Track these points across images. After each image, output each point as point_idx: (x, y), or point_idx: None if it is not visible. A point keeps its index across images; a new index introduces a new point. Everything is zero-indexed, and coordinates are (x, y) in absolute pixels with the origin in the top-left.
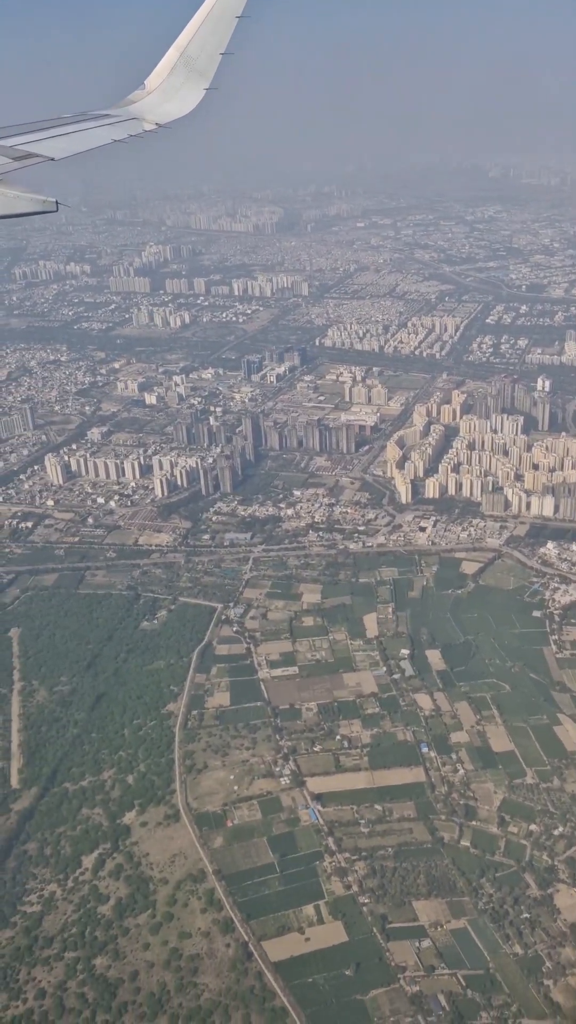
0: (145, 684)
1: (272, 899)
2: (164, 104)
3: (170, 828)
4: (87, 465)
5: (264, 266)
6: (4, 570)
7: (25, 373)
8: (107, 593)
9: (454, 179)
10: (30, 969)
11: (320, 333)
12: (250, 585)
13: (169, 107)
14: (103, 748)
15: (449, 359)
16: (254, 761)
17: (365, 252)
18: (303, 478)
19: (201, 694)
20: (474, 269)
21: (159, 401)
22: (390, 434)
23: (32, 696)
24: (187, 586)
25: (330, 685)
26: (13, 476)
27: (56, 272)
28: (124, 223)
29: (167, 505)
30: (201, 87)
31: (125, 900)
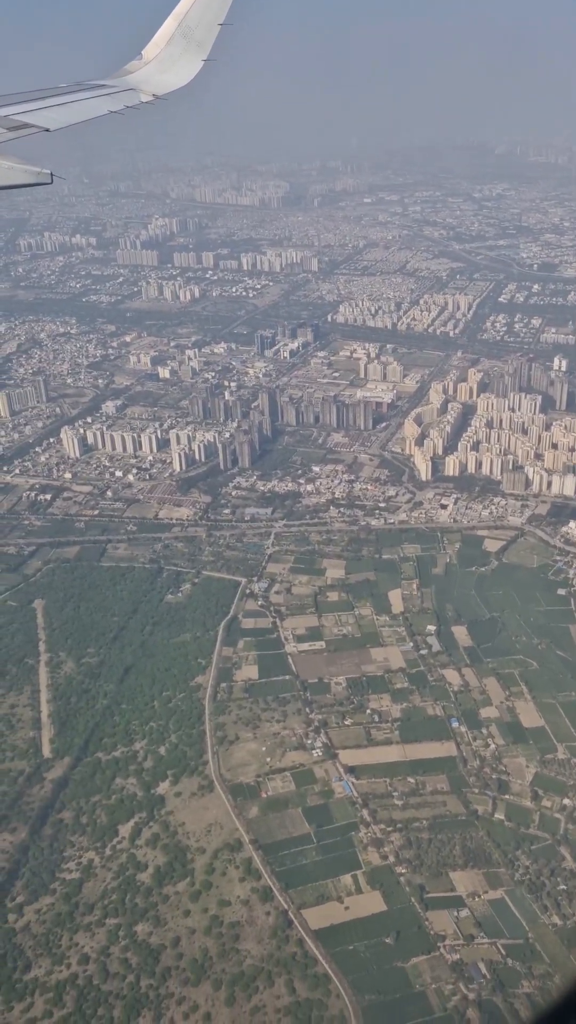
0: (172, 657)
1: (309, 869)
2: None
3: (204, 798)
4: (103, 438)
5: (272, 240)
6: (25, 542)
7: (35, 345)
8: (130, 566)
9: (460, 156)
10: (72, 935)
11: (331, 309)
12: (273, 560)
13: (166, 78)
14: (133, 719)
15: (463, 337)
16: (285, 734)
17: (373, 228)
18: (321, 454)
19: (229, 667)
20: (484, 247)
21: (172, 375)
22: (407, 411)
23: (59, 667)
24: (210, 560)
25: (358, 660)
26: (29, 448)
27: (62, 244)
28: (127, 195)
29: (186, 479)
30: (199, 58)
31: (163, 868)
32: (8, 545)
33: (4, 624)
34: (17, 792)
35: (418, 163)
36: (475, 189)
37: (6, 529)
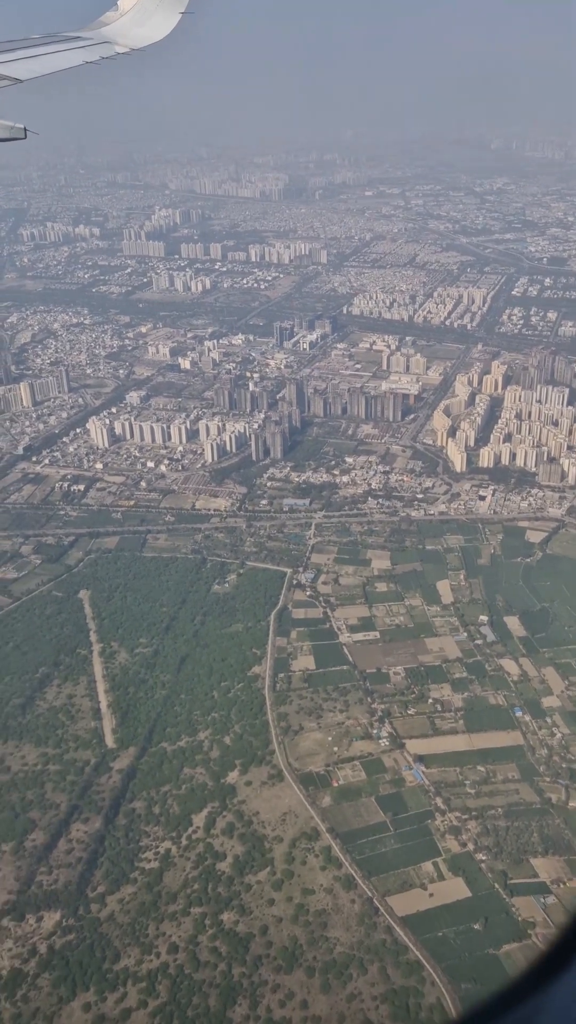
0: (227, 647)
1: (389, 856)
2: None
3: (275, 787)
4: (131, 428)
5: (277, 233)
6: (63, 532)
7: (49, 336)
8: (172, 557)
9: (456, 150)
10: (158, 924)
11: (345, 301)
12: (316, 550)
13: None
14: (195, 709)
15: (481, 330)
16: (349, 723)
17: (378, 221)
18: (352, 445)
19: (284, 657)
20: (491, 241)
21: (193, 366)
22: (433, 403)
23: (113, 658)
24: (252, 550)
25: (413, 650)
26: (56, 439)
27: (65, 234)
28: (126, 186)
29: (219, 470)
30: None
31: (242, 857)
32: (47, 535)
33: (52, 615)
34: (86, 782)
35: (415, 157)
36: (475, 183)
37: (42, 519)
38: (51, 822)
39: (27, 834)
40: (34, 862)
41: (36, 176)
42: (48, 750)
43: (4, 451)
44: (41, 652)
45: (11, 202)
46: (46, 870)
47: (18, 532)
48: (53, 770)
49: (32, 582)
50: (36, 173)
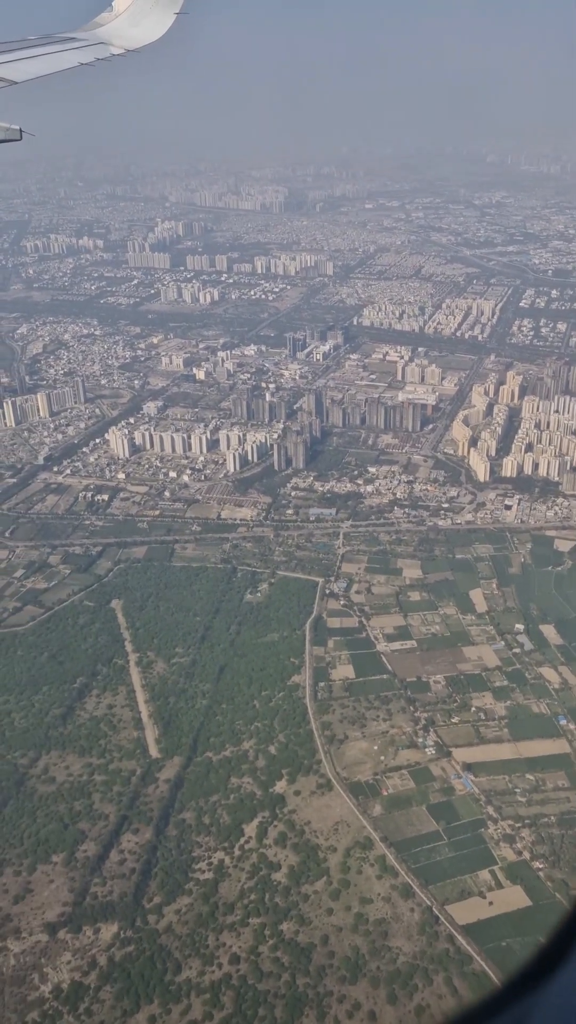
0: (264, 656)
1: (445, 865)
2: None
3: (325, 797)
4: (151, 439)
5: (280, 245)
6: (90, 542)
7: (61, 346)
8: (202, 566)
9: (452, 164)
10: (217, 935)
11: (354, 313)
12: (346, 560)
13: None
14: (237, 719)
15: (492, 341)
16: (394, 732)
17: (380, 233)
18: (374, 455)
19: (323, 667)
20: (495, 253)
21: (208, 376)
22: (450, 413)
23: (151, 667)
24: (282, 560)
25: (452, 658)
26: (75, 449)
27: (69, 246)
28: (125, 198)
29: (241, 480)
30: (171, 12)
31: (297, 867)
32: (74, 545)
33: (86, 624)
34: (133, 792)
35: (411, 171)
36: (474, 196)
37: (68, 529)
38: (101, 833)
39: (78, 845)
40: (87, 873)
41: (35, 189)
42: (92, 760)
43: (25, 461)
44: (77, 662)
45: (12, 214)
46: (100, 881)
47: (45, 542)
48: (99, 780)
49: (63, 592)
50: (35, 186)
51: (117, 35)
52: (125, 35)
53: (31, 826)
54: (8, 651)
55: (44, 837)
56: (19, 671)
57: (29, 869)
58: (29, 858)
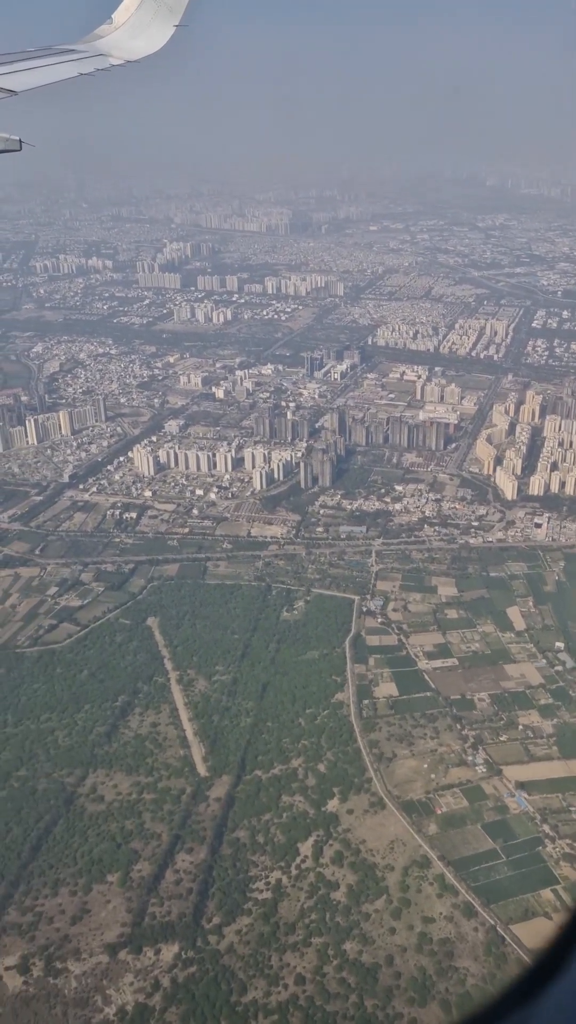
0: (306, 674)
1: (505, 884)
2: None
3: (378, 815)
4: (176, 457)
5: (288, 266)
6: (121, 560)
7: (77, 365)
8: (236, 584)
9: (453, 187)
10: (280, 955)
11: (367, 333)
12: (380, 577)
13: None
14: (283, 737)
15: (508, 361)
16: (442, 750)
17: (387, 255)
18: (399, 473)
19: (366, 684)
20: (503, 274)
21: (227, 395)
22: (472, 432)
23: (192, 685)
24: (316, 577)
25: (494, 676)
26: (100, 467)
27: (79, 266)
28: (130, 220)
29: (268, 498)
30: (171, 24)
31: (356, 886)
32: (105, 563)
33: (123, 642)
34: (184, 811)
35: (412, 194)
36: (477, 219)
37: (99, 547)
38: (154, 852)
39: (132, 864)
40: (144, 893)
41: (40, 210)
42: (140, 778)
43: (50, 479)
44: (118, 680)
45: (18, 234)
46: (157, 901)
47: (76, 559)
48: (148, 799)
49: (98, 609)
50: (40, 207)
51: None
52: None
53: (83, 845)
54: (47, 669)
55: (98, 856)
56: (59, 689)
57: (85, 889)
58: (84, 878)
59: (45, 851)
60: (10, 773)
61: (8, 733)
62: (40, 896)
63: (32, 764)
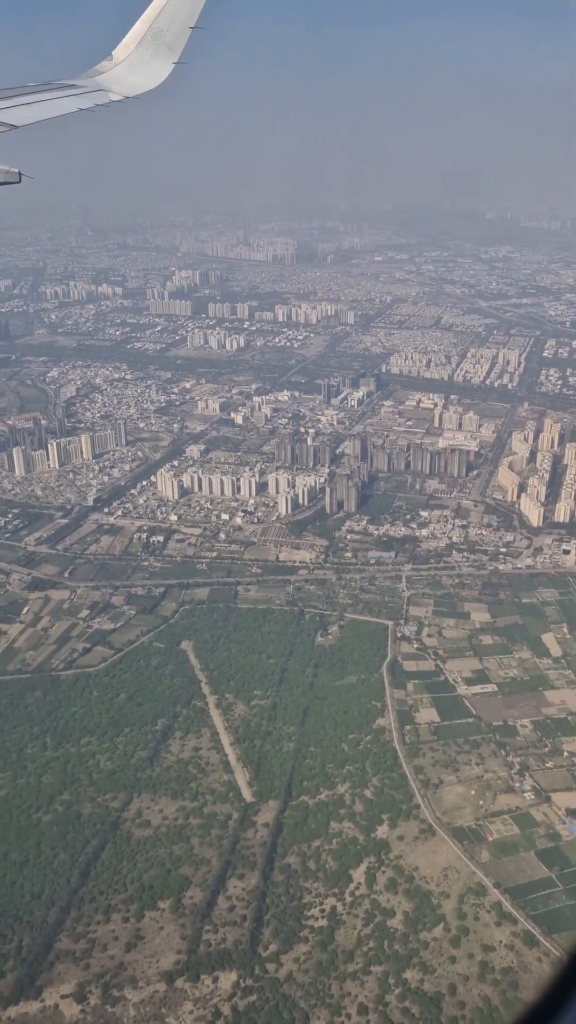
0: (346, 699)
1: (565, 912)
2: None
3: (429, 842)
4: (199, 481)
5: (297, 295)
6: (151, 583)
7: (94, 390)
8: (268, 608)
9: (452, 219)
10: (340, 983)
11: (380, 361)
12: (412, 603)
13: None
14: (327, 762)
15: (522, 389)
16: (489, 777)
17: (394, 285)
18: (423, 499)
19: (406, 710)
20: (510, 305)
21: (245, 421)
22: (492, 460)
23: (231, 709)
24: (348, 603)
25: (535, 703)
26: (123, 491)
27: (89, 293)
28: (137, 248)
29: (294, 523)
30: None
31: (412, 914)
32: (135, 586)
33: (159, 666)
34: (232, 837)
35: (413, 225)
36: (480, 251)
37: (128, 570)
38: (205, 878)
39: (183, 891)
40: (197, 920)
41: (46, 238)
42: (185, 803)
43: (74, 502)
44: (156, 703)
45: (26, 261)
46: (211, 928)
47: (105, 583)
48: (195, 824)
49: (131, 633)
50: (46, 235)
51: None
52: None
53: (132, 871)
54: (84, 692)
55: (148, 883)
56: (97, 712)
57: (137, 915)
58: (135, 904)
59: (94, 876)
60: (53, 797)
61: (49, 756)
62: (92, 923)
63: (75, 788)
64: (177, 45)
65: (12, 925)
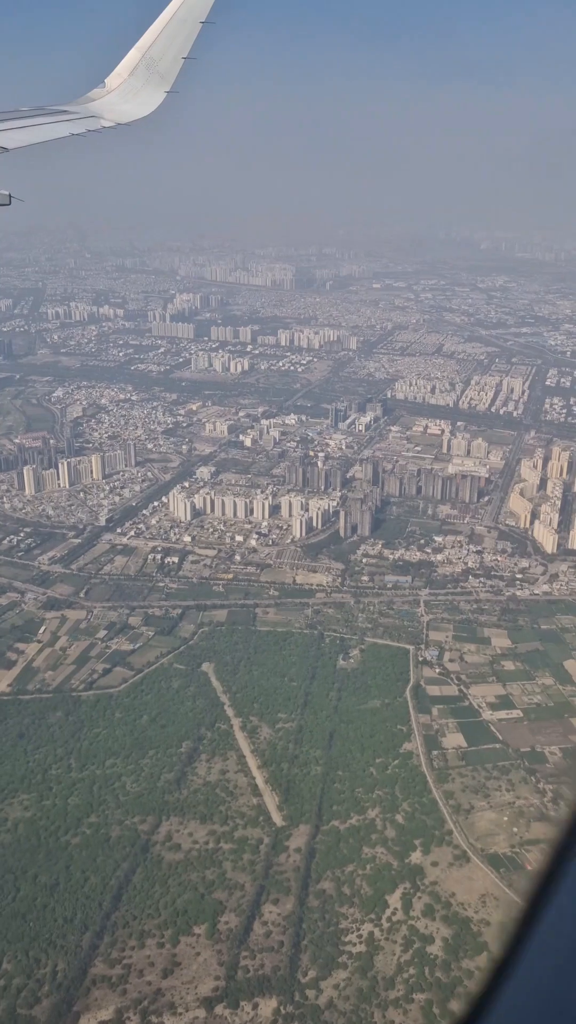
0: (371, 723)
1: None
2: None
3: (464, 868)
4: (211, 503)
5: (297, 320)
6: (168, 604)
7: (100, 411)
8: (287, 631)
9: (448, 249)
10: (383, 1011)
11: (384, 386)
12: (432, 628)
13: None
14: (356, 786)
15: (527, 417)
16: (521, 804)
17: (393, 312)
18: (436, 525)
19: (432, 734)
20: (509, 334)
21: (254, 443)
22: (502, 486)
23: (256, 732)
24: (367, 627)
25: (562, 729)
26: (135, 511)
27: (90, 314)
28: (135, 270)
29: (309, 546)
30: (162, 90)
31: (452, 941)
32: (151, 607)
33: (181, 688)
34: (265, 861)
35: (409, 253)
36: (477, 280)
37: (143, 591)
38: (239, 903)
39: (218, 916)
40: (234, 945)
41: (44, 259)
42: (215, 827)
43: (85, 522)
44: (180, 726)
45: (25, 282)
46: (249, 954)
47: (122, 603)
48: (226, 848)
49: (150, 654)
50: (43, 256)
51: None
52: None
53: (165, 895)
54: (105, 713)
55: (182, 907)
56: (121, 734)
57: (172, 940)
58: (170, 929)
59: (126, 901)
60: (81, 819)
61: (74, 778)
62: (127, 948)
63: (102, 810)
64: (170, 74)
65: (46, 949)
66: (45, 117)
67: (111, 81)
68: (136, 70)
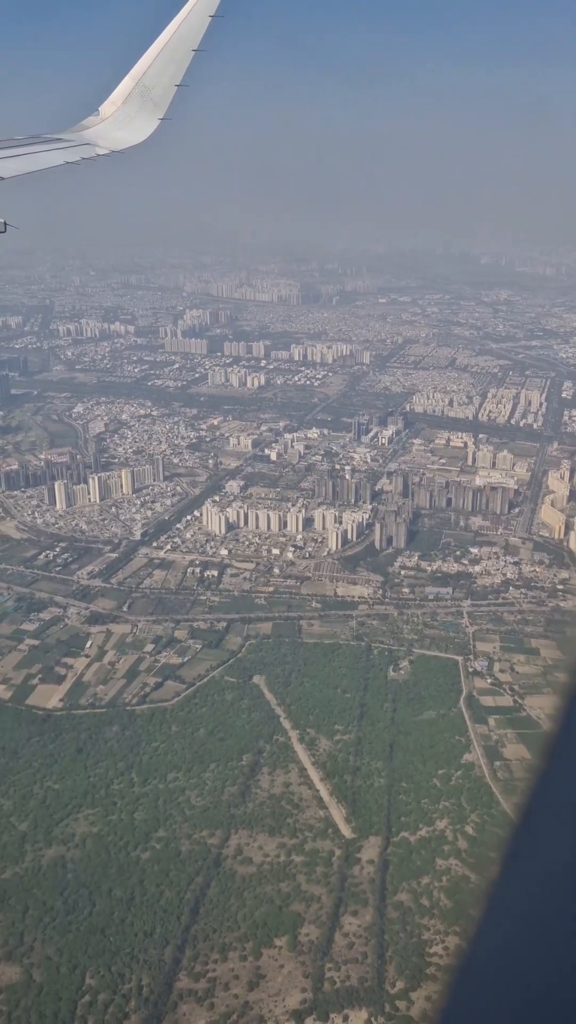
0: (429, 734)
1: None
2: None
3: None
4: (245, 516)
5: (308, 335)
6: (212, 617)
7: (122, 426)
8: (335, 643)
9: (448, 264)
10: None
11: (402, 399)
12: (478, 639)
13: (123, 135)
14: (422, 798)
15: (548, 429)
16: None
17: (402, 326)
18: (470, 536)
19: (492, 745)
20: (520, 347)
21: (279, 457)
22: (531, 498)
23: (315, 744)
24: (414, 638)
25: None
26: (169, 525)
27: (102, 331)
28: (141, 287)
29: (346, 558)
30: (156, 117)
31: None
32: (196, 620)
33: (235, 700)
34: (339, 874)
35: (410, 269)
36: (481, 294)
37: (186, 604)
38: (318, 915)
39: (298, 928)
40: (318, 957)
41: (49, 276)
42: (285, 840)
43: (120, 536)
44: (238, 739)
45: (33, 299)
46: (333, 966)
47: (165, 616)
48: (298, 861)
49: (200, 667)
50: (48, 274)
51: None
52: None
53: (242, 908)
54: (162, 727)
55: (261, 920)
56: (179, 747)
57: (254, 953)
58: (251, 941)
59: (204, 914)
60: (149, 834)
61: (138, 792)
62: (210, 961)
63: (169, 824)
64: (163, 102)
65: (129, 964)
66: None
67: (105, 109)
68: (130, 98)
